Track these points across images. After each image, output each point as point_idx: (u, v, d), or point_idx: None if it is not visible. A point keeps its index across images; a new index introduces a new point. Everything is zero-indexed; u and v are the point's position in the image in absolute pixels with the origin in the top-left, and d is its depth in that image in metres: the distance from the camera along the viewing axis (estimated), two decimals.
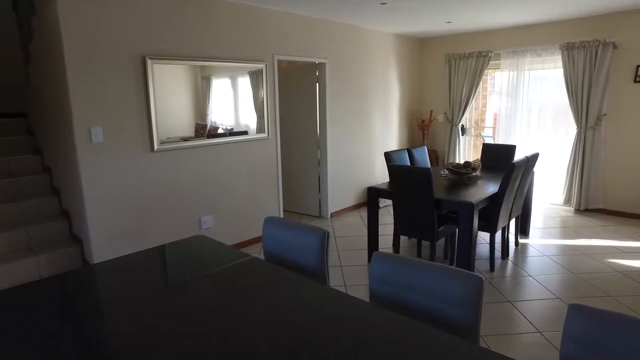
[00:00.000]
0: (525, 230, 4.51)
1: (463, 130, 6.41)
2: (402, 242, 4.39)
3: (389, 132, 6.25)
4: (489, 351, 1.17)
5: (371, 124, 5.87)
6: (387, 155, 4.15)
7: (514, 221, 4.21)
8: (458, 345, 1.20)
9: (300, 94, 5.23)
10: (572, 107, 5.21)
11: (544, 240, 4.36)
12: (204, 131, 3.85)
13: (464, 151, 6.52)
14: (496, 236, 3.68)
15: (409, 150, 4.51)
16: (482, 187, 3.62)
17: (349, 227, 4.95)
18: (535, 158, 3.84)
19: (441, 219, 3.58)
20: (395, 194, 3.53)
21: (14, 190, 3.74)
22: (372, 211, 3.82)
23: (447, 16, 4.85)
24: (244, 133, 4.21)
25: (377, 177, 6.10)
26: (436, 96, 6.63)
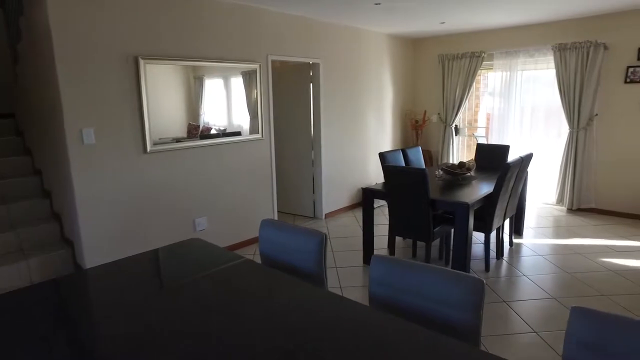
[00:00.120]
0: (519, 230, 4.54)
1: (457, 130, 6.43)
2: (397, 243, 4.39)
3: (382, 133, 6.25)
4: (490, 355, 1.16)
5: (365, 124, 5.86)
6: (382, 155, 4.14)
7: (508, 221, 4.23)
8: (458, 348, 1.19)
9: (293, 95, 5.21)
10: (564, 108, 5.26)
11: (537, 240, 4.39)
12: (196, 132, 3.81)
13: (458, 151, 6.54)
14: (491, 236, 3.69)
15: (403, 151, 4.51)
16: (477, 188, 3.63)
17: (344, 228, 4.94)
18: (529, 158, 3.86)
19: (436, 219, 3.58)
20: (391, 195, 3.52)
21: (3, 193, 3.66)
22: (367, 212, 3.81)
23: (441, 17, 4.86)
24: (237, 134, 4.17)
25: (371, 178, 6.09)
26: (430, 96, 6.65)
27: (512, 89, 5.74)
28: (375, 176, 6.14)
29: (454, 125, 6.35)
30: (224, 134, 4.04)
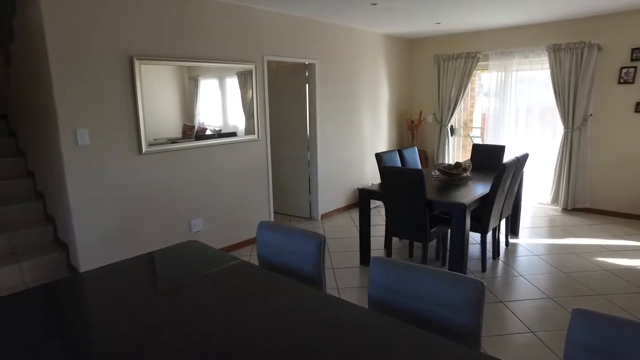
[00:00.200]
0: (515, 230, 4.55)
1: (452, 130, 6.45)
2: (394, 244, 4.39)
3: (378, 133, 6.25)
4: (490, 357, 1.16)
5: (361, 125, 5.86)
6: (378, 156, 4.13)
7: (504, 221, 4.24)
8: (459, 350, 1.19)
9: (289, 95, 5.19)
10: (559, 108, 5.28)
11: (533, 240, 4.40)
12: (191, 132, 3.78)
13: (453, 152, 6.56)
14: (487, 236, 3.70)
15: (399, 151, 4.51)
16: (473, 188, 3.63)
17: (340, 229, 4.93)
18: (525, 158, 3.88)
19: (433, 220, 3.59)
20: (387, 196, 3.52)
21: None
22: (364, 213, 3.80)
23: (437, 17, 4.87)
24: (233, 134, 4.15)
25: (367, 178, 6.09)
26: (425, 97, 6.66)
27: (507, 89, 5.76)
28: (371, 176, 6.14)
29: (449, 125, 6.36)
30: (219, 134, 4.02)
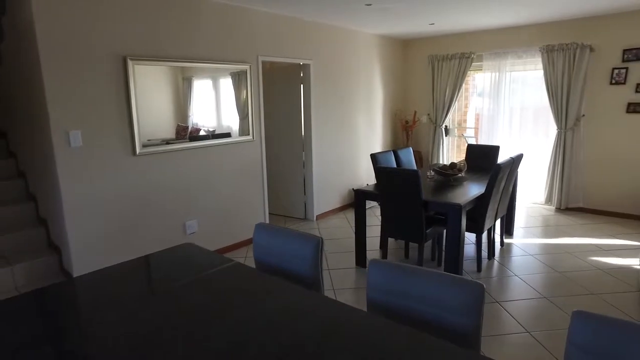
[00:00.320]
0: (509, 230, 4.57)
1: (447, 131, 6.47)
2: (390, 244, 4.39)
3: (373, 133, 6.25)
4: (488, 358, 1.15)
5: (356, 125, 5.86)
6: (374, 156, 4.13)
7: (499, 221, 4.26)
8: (459, 353, 1.18)
9: (284, 96, 5.18)
10: (552, 108, 5.32)
11: (527, 240, 4.43)
12: (185, 133, 3.75)
13: (448, 152, 6.58)
14: (482, 237, 3.71)
15: (394, 152, 4.51)
16: (469, 188, 3.64)
17: (335, 230, 4.92)
18: (519, 159, 3.89)
19: (428, 220, 3.59)
20: (383, 196, 3.51)
21: None
22: (359, 214, 3.79)
23: (431, 18, 4.88)
24: (227, 135, 4.12)
25: (362, 178, 6.09)
26: (420, 97, 6.68)
27: (501, 89, 5.79)
28: (366, 177, 6.14)
29: (443, 125, 6.38)
30: (213, 135, 3.99)
